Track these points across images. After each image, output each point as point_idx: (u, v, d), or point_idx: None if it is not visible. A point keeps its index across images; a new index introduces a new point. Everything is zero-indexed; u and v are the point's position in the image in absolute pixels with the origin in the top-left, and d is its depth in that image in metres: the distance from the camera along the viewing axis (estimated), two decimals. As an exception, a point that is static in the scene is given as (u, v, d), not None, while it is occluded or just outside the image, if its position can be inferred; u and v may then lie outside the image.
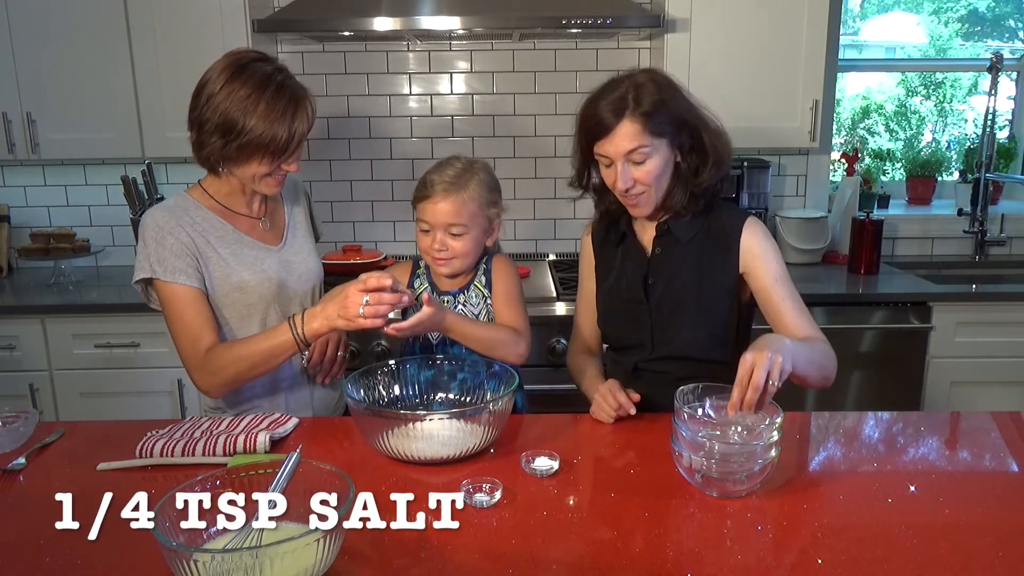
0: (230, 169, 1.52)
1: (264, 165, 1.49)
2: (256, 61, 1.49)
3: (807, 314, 1.52)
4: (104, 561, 1.03)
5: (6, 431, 1.37)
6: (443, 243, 1.55)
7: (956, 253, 3.15)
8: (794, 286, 1.53)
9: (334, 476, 1.03)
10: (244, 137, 1.44)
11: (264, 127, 1.44)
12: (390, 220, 3.10)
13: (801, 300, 1.53)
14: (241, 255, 1.57)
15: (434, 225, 1.54)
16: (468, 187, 1.53)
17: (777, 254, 1.54)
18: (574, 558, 1.04)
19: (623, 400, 1.44)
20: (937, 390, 2.59)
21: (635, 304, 1.59)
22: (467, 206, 1.53)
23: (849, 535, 1.07)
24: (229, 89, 1.44)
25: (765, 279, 1.52)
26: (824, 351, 1.46)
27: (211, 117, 1.45)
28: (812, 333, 1.49)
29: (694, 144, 1.49)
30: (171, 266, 1.49)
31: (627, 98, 1.45)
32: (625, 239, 1.63)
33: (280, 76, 1.48)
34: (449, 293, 1.63)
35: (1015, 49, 4.17)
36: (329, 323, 1.41)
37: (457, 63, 2.97)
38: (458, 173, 1.54)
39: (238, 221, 1.60)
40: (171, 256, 1.49)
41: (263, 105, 1.44)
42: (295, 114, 1.47)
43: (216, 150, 1.47)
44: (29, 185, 3.03)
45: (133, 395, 2.56)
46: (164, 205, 1.58)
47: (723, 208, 1.58)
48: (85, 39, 2.58)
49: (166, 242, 1.49)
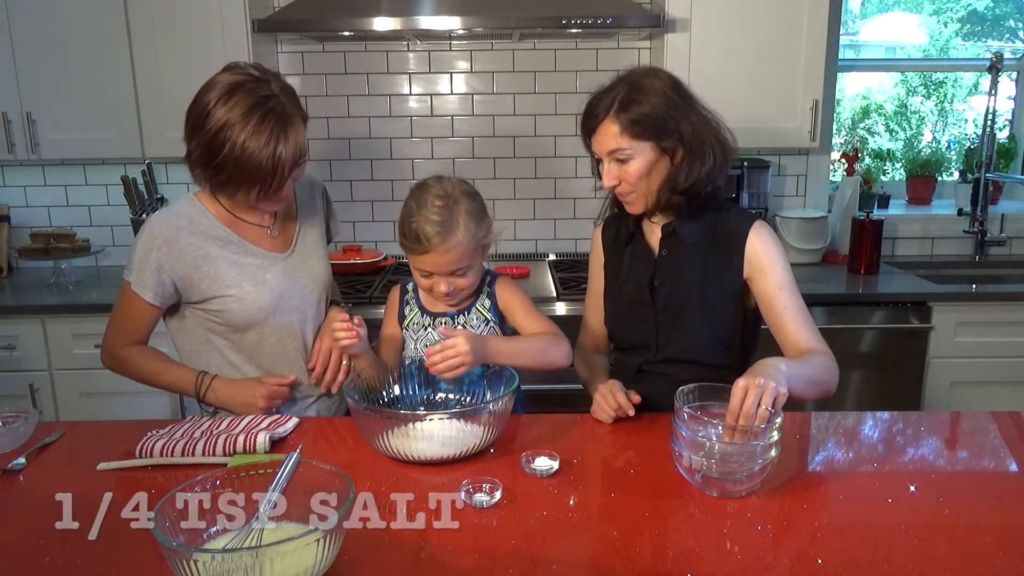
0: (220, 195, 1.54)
1: (252, 195, 1.47)
2: (250, 82, 1.43)
3: (810, 324, 1.49)
4: (104, 561, 1.03)
5: (6, 431, 1.37)
6: (451, 285, 1.50)
7: (956, 253, 3.15)
8: (800, 295, 1.51)
9: (334, 476, 1.03)
10: (227, 172, 1.42)
11: (246, 158, 1.40)
12: (390, 220, 3.09)
13: (806, 309, 1.50)
14: (243, 265, 1.55)
15: (435, 273, 1.49)
16: (459, 228, 1.44)
17: (783, 260, 1.51)
18: (574, 558, 1.04)
19: (623, 401, 1.44)
20: (937, 390, 2.59)
21: (641, 305, 1.59)
22: (464, 248, 1.46)
23: (849, 535, 1.07)
24: (218, 112, 1.40)
25: (769, 286, 1.50)
26: (824, 365, 1.43)
27: (198, 144, 1.43)
28: (814, 345, 1.46)
29: (687, 148, 1.48)
30: (143, 280, 1.52)
31: (615, 99, 1.45)
32: (633, 239, 1.63)
33: (272, 102, 1.42)
34: (446, 315, 1.59)
35: (1015, 49, 4.17)
36: (230, 407, 1.56)
37: (457, 63, 2.97)
38: (444, 215, 1.44)
39: (245, 230, 1.58)
40: (148, 271, 1.51)
41: (247, 133, 1.39)
42: (275, 151, 1.40)
43: (204, 178, 1.47)
44: (29, 185, 3.03)
45: (133, 395, 2.54)
46: (172, 211, 1.57)
47: (731, 210, 1.57)
48: (85, 39, 2.58)
49: (150, 257, 1.51)
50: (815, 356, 1.44)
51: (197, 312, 1.57)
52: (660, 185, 1.50)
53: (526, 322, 1.59)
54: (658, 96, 1.45)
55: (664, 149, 1.47)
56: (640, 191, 1.50)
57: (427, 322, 1.60)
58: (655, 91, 1.46)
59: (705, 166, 1.48)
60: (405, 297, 1.65)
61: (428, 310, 1.61)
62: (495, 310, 1.60)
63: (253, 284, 1.55)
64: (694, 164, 1.48)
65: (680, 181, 1.48)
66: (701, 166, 1.48)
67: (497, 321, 1.60)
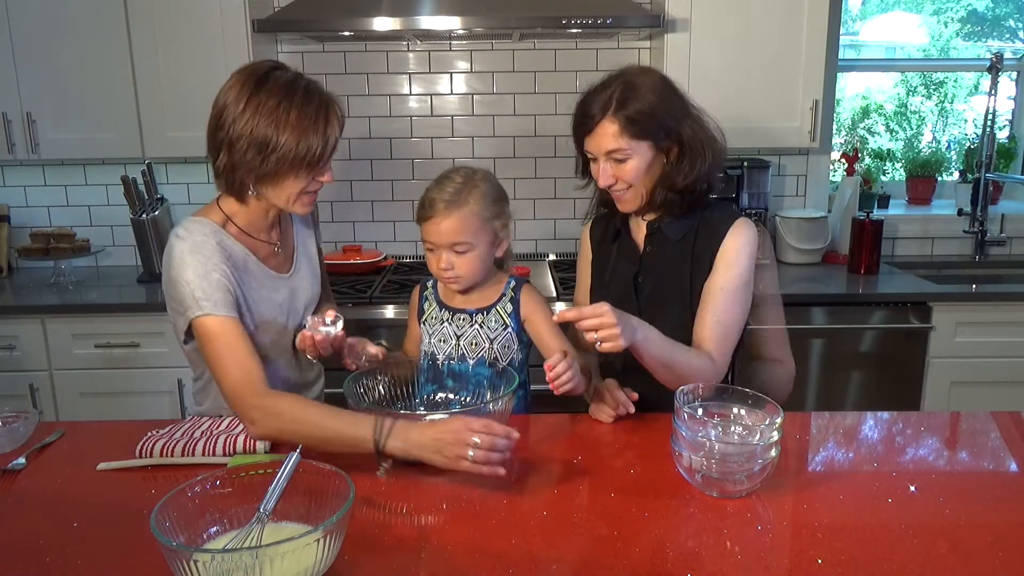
0: (262, 191, 1.43)
1: (301, 179, 1.41)
2: (274, 70, 1.41)
3: (723, 334, 1.49)
4: (104, 561, 1.03)
5: (6, 431, 1.37)
6: (449, 262, 1.50)
7: (956, 253, 3.15)
8: (740, 303, 1.50)
9: (334, 476, 1.03)
10: (280, 151, 1.36)
11: (299, 137, 1.36)
12: (390, 220, 3.10)
13: (732, 317, 1.50)
14: (260, 287, 1.50)
15: (438, 245, 1.49)
16: (468, 202, 1.47)
17: (745, 262, 1.50)
18: (574, 558, 1.04)
19: (622, 399, 1.44)
20: (937, 390, 2.59)
21: (625, 302, 1.58)
22: (470, 222, 1.47)
23: (849, 535, 1.07)
24: (256, 102, 1.36)
25: (715, 281, 1.50)
26: (692, 364, 1.43)
27: (243, 134, 1.36)
28: (710, 348, 1.47)
29: (681, 147, 1.49)
30: (219, 300, 1.37)
31: (612, 98, 1.45)
32: (620, 236, 1.63)
33: (303, 81, 1.41)
34: (465, 312, 1.58)
35: (1015, 49, 4.17)
36: (419, 454, 1.21)
37: (457, 63, 2.98)
38: (457, 188, 1.47)
39: (259, 249, 1.52)
40: (216, 290, 1.38)
41: (295, 114, 1.36)
42: (328, 119, 1.39)
43: (253, 169, 1.39)
44: (29, 185, 3.03)
45: (133, 395, 2.57)
46: (195, 231, 1.43)
47: (716, 208, 1.57)
48: (85, 39, 2.58)
49: (211, 276, 1.38)
50: (696, 353, 1.46)
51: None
52: (655, 183, 1.51)
53: (550, 338, 1.54)
54: (654, 94, 1.46)
55: (661, 148, 1.48)
56: (635, 190, 1.51)
57: (444, 316, 1.59)
58: (651, 89, 1.46)
59: (704, 164, 1.49)
60: (424, 293, 1.65)
61: (446, 304, 1.60)
62: (516, 316, 1.57)
63: (268, 307, 1.52)
64: (693, 163, 1.48)
65: (678, 180, 1.49)
66: (700, 164, 1.49)
67: (516, 328, 1.57)
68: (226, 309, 1.37)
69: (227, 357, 1.34)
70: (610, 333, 1.27)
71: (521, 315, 1.57)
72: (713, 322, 1.50)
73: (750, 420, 1.25)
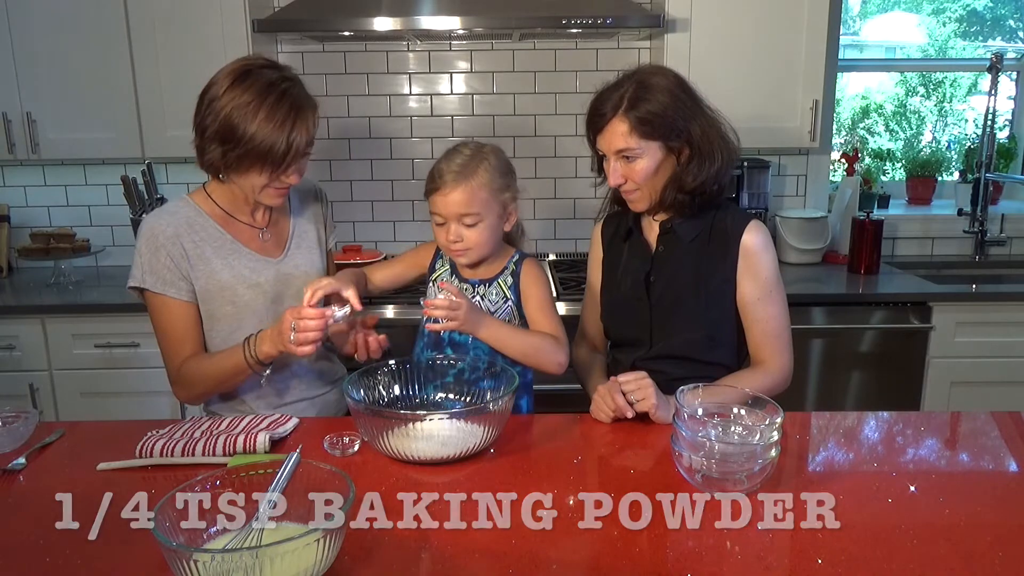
0: (231, 178, 1.50)
1: (263, 176, 1.46)
2: (264, 68, 1.46)
3: (775, 336, 1.53)
4: (104, 561, 1.03)
5: (6, 431, 1.37)
6: (458, 234, 1.51)
7: (956, 253, 3.15)
8: (780, 301, 1.54)
9: (334, 476, 1.03)
10: (242, 147, 1.42)
11: (262, 136, 1.41)
12: (390, 220, 3.10)
13: (780, 319, 1.54)
14: (236, 266, 1.55)
15: (447, 217, 1.51)
16: (477, 174, 1.48)
17: (772, 266, 1.53)
18: (574, 558, 1.04)
19: (621, 403, 1.44)
20: (937, 390, 2.59)
21: (636, 301, 1.59)
22: (478, 194, 1.48)
23: (849, 535, 1.07)
24: (232, 94, 1.42)
25: (750, 293, 1.53)
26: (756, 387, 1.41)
27: (212, 123, 1.43)
28: (765, 358, 1.53)
29: (693, 148, 1.49)
30: (162, 278, 1.50)
31: (624, 97, 1.45)
32: (631, 235, 1.63)
33: (285, 84, 1.45)
34: (469, 282, 1.61)
35: (1015, 49, 4.17)
36: (275, 347, 1.43)
37: (457, 63, 2.98)
38: (466, 161, 1.49)
39: (238, 231, 1.58)
40: (163, 268, 1.50)
41: (262, 113, 1.41)
42: (294, 125, 1.43)
43: (216, 157, 1.45)
44: (29, 185, 3.03)
45: (133, 395, 2.56)
46: (165, 210, 1.56)
47: (728, 209, 1.58)
48: (85, 39, 2.58)
49: (159, 254, 1.49)
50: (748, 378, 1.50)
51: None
52: (665, 184, 1.51)
53: (536, 315, 1.59)
54: (666, 95, 1.46)
55: (671, 148, 1.48)
56: (645, 190, 1.51)
57: (452, 281, 1.62)
58: (663, 89, 1.46)
59: (714, 166, 1.49)
60: (440, 253, 1.67)
61: (455, 270, 1.63)
62: (515, 290, 1.59)
63: (247, 287, 1.55)
64: (703, 164, 1.48)
65: (688, 181, 1.49)
66: (710, 166, 1.49)
67: (515, 301, 1.59)
68: (164, 286, 1.50)
69: (160, 335, 1.53)
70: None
71: (520, 289, 1.59)
72: (759, 332, 1.54)
73: (750, 420, 1.25)
